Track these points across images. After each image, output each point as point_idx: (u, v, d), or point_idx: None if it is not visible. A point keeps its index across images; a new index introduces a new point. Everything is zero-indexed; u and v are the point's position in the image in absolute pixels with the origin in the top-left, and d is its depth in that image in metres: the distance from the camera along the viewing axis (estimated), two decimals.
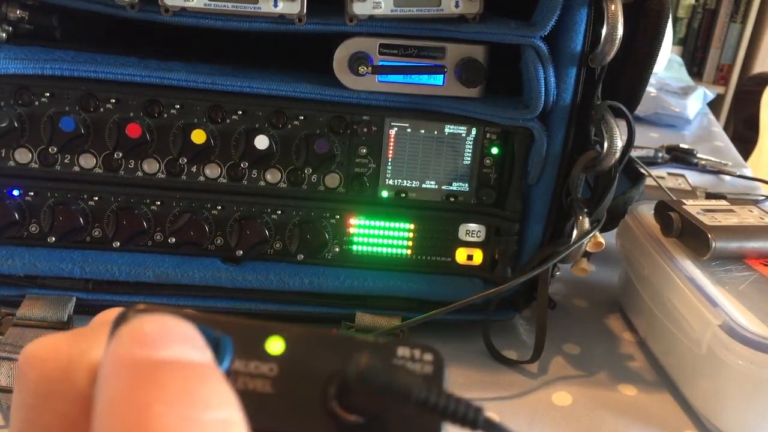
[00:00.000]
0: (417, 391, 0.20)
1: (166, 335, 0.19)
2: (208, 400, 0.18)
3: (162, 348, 0.19)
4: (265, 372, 0.21)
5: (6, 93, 0.58)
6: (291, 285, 0.63)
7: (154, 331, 0.19)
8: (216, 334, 0.21)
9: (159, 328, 0.19)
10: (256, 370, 0.21)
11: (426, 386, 0.20)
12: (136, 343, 0.19)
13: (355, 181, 0.63)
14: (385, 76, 0.59)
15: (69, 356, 0.21)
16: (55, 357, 0.21)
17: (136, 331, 0.19)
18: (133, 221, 0.62)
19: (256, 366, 0.21)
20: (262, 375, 0.21)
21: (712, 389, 0.58)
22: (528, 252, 0.64)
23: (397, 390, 0.20)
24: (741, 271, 0.62)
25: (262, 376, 0.21)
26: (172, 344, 0.19)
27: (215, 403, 0.18)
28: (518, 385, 0.62)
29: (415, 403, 0.20)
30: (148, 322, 0.19)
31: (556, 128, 0.60)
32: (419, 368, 0.21)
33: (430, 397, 0.20)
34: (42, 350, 0.22)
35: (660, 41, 0.59)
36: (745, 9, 2.79)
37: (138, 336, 0.19)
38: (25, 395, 0.21)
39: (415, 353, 0.21)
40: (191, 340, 0.20)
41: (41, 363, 0.21)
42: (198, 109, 0.60)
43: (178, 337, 0.19)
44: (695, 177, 1.08)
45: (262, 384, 0.21)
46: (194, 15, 0.56)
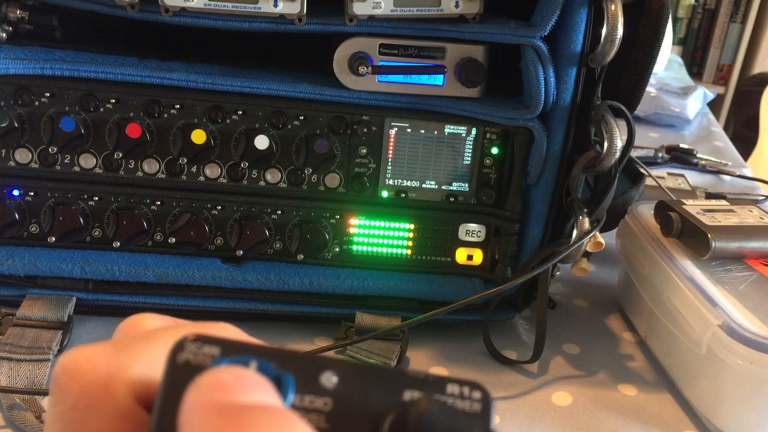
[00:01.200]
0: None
1: (244, 383, 0.20)
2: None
3: (243, 394, 0.19)
4: (319, 407, 0.21)
5: (6, 93, 0.58)
6: (291, 285, 0.63)
7: (231, 379, 0.20)
8: (277, 370, 0.21)
9: (235, 377, 0.20)
10: (311, 405, 0.21)
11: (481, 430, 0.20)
12: (218, 391, 0.19)
13: (355, 181, 0.63)
14: (385, 76, 0.59)
15: (109, 370, 0.21)
16: (94, 371, 0.21)
17: (214, 381, 0.20)
18: (133, 221, 0.62)
19: (311, 400, 0.21)
20: (316, 410, 0.21)
21: (712, 389, 0.58)
22: (528, 252, 0.64)
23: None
24: (741, 271, 0.62)
25: (317, 410, 0.21)
26: (252, 391, 0.20)
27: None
28: (518, 385, 0.62)
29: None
30: (223, 372, 0.20)
31: (556, 128, 0.60)
32: (468, 406, 0.22)
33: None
34: (81, 363, 0.22)
35: (660, 41, 0.59)
36: (745, 9, 2.79)
37: (217, 385, 0.19)
38: (63, 408, 0.21)
39: (464, 390, 0.22)
40: (265, 387, 0.20)
41: (80, 377, 0.21)
42: (198, 109, 0.60)
43: (254, 384, 0.20)
44: (695, 177, 1.08)
45: (317, 419, 0.21)
46: (194, 15, 0.56)
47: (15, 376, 0.55)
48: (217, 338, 0.21)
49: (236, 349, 0.21)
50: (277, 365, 0.21)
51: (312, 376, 0.21)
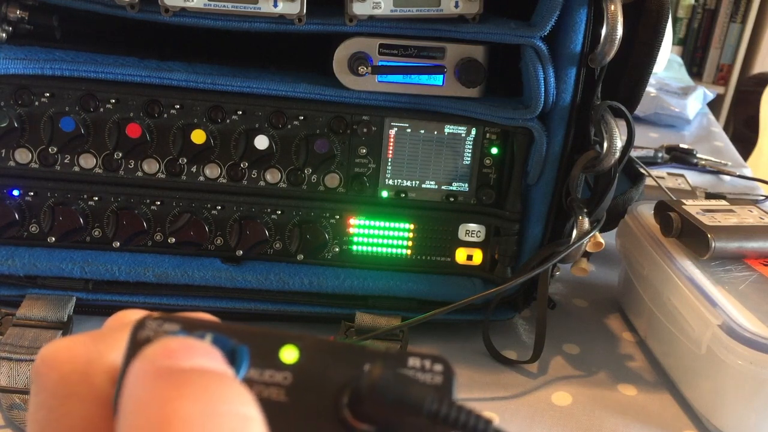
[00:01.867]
0: (429, 403, 0.20)
1: (189, 350, 0.20)
2: (228, 397, 0.19)
3: (186, 359, 0.20)
4: (279, 381, 0.21)
5: (6, 93, 0.58)
6: (291, 285, 0.63)
7: (176, 346, 0.20)
8: (232, 343, 0.21)
9: (181, 344, 0.20)
10: (271, 379, 0.21)
11: (437, 398, 0.20)
12: (160, 357, 0.20)
13: (355, 181, 0.63)
14: (384, 76, 0.59)
15: (87, 358, 0.22)
16: (73, 359, 0.22)
17: (159, 347, 0.20)
18: (133, 221, 0.62)
19: (271, 375, 0.21)
20: (276, 383, 0.21)
21: (711, 389, 0.58)
22: (528, 252, 0.64)
23: (409, 402, 0.20)
24: (741, 271, 0.62)
25: (277, 384, 0.21)
26: (196, 357, 0.20)
27: (235, 401, 0.19)
28: (518, 385, 0.62)
29: (427, 414, 0.20)
30: (170, 340, 0.20)
31: (556, 128, 0.60)
32: (429, 378, 0.22)
33: (441, 409, 0.20)
34: (60, 352, 0.22)
35: (660, 41, 0.59)
36: (745, 9, 2.79)
37: (162, 351, 0.20)
38: (44, 397, 0.22)
39: (426, 363, 0.22)
40: (211, 354, 0.21)
41: (60, 365, 0.22)
42: (198, 109, 0.60)
43: (199, 351, 0.20)
44: (695, 177, 1.08)
45: (277, 392, 0.21)
46: (194, 15, 0.56)
47: (15, 376, 0.55)
48: (179, 317, 0.21)
49: (196, 326, 0.21)
50: (237, 340, 0.21)
51: (272, 351, 0.21)
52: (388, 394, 0.20)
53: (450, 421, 0.20)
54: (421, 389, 0.20)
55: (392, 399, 0.20)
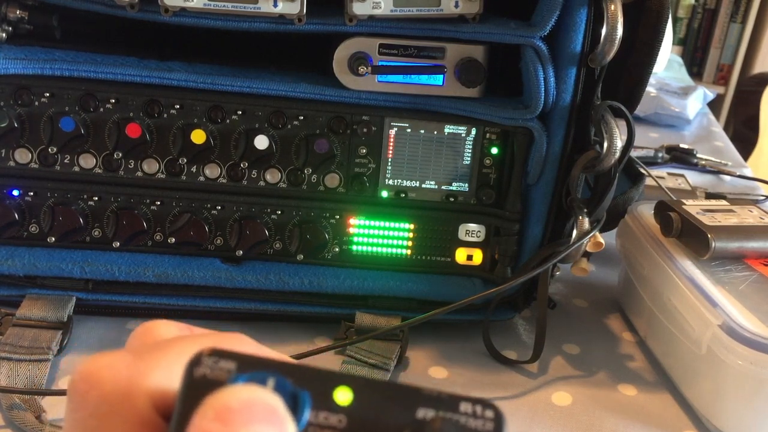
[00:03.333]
0: None
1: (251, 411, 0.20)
2: None
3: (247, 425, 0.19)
4: (334, 423, 0.21)
5: (6, 93, 0.58)
6: (291, 285, 0.63)
7: (238, 406, 0.20)
8: (294, 387, 0.21)
9: (243, 403, 0.20)
10: (326, 421, 0.21)
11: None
12: (221, 420, 0.19)
13: (354, 181, 0.63)
14: (384, 76, 0.59)
15: (128, 378, 0.22)
16: (114, 379, 0.22)
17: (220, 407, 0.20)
18: (133, 221, 0.62)
19: (326, 416, 0.21)
20: (331, 427, 0.21)
21: (712, 389, 0.58)
22: (528, 252, 0.64)
23: None
24: (741, 271, 0.62)
25: (332, 427, 0.21)
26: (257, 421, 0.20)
27: None
28: (518, 385, 0.62)
29: None
30: (231, 395, 0.20)
31: (556, 128, 0.60)
32: (480, 425, 0.22)
33: None
34: (101, 371, 0.22)
35: (660, 41, 0.59)
36: (745, 9, 2.79)
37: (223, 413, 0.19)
38: (84, 415, 0.21)
39: (477, 409, 0.22)
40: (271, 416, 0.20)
41: (101, 384, 0.22)
42: (198, 109, 0.60)
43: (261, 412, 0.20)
44: (695, 177, 1.08)
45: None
46: (194, 15, 0.56)
47: (15, 376, 0.55)
48: (234, 353, 0.21)
49: (252, 365, 0.21)
50: (294, 381, 0.21)
51: (327, 392, 0.21)
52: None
53: None
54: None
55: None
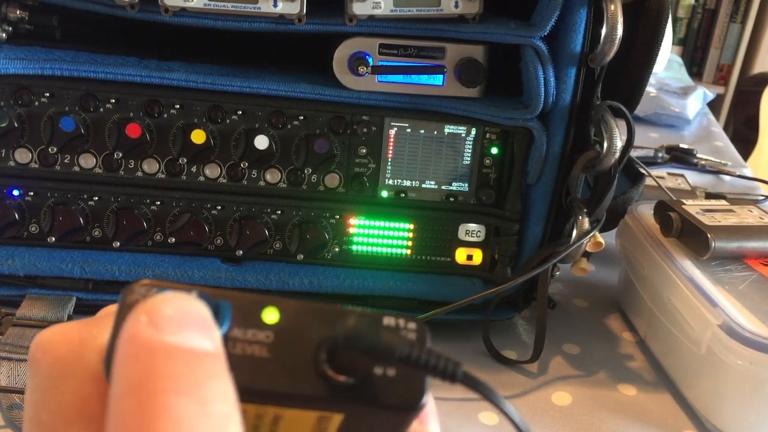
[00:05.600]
0: (400, 347, 0.21)
1: (182, 320, 0.20)
2: (213, 393, 0.20)
3: (177, 332, 0.20)
4: (261, 339, 0.22)
5: (6, 93, 0.58)
6: (291, 285, 0.63)
7: (170, 312, 0.20)
8: (216, 300, 0.22)
9: (175, 310, 0.21)
10: (253, 337, 0.22)
11: (409, 344, 0.21)
12: (153, 326, 0.20)
13: (354, 181, 0.63)
14: (384, 76, 0.59)
15: (80, 340, 0.23)
16: (67, 341, 0.23)
17: (154, 313, 0.20)
18: (133, 221, 0.62)
19: (254, 333, 0.22)
20: (258, 341, 0.22)
21: (711, 389, 0.58)
22: (528, 252, 0.64)
23: (382, 348, 0.21)
24: (741, 271, 0.62)
25: (259, 342, 0.22)
26: (187, 330, 0.20)
27: (219, 398, 0.20)
28: (518, 385, 0.62)
29: (399, 359, 0.21)
30: (164, 302, 0.21)
31: (556, 128, 0.60)
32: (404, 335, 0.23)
33: (412, 353, 0.21)
34: (54, 336, 0.23)
35: (660, 41, 0.59)
36: (745, 9, 2.79)
37: (154, 317, 0.20)
38: (39, 379, 0.22)
39: (400, 322, 0.23)
40: (203, 324, 0.21)
41: (54, 348, 0.23)
42: (198, 109, 0.60)
43: (192, 322, 0.21)
44: (695, 177, 1.08)
45: (259, 349, 0.22)
46: (194, 15, 0.56)
47: (15, 376, 0.55)
48: (168, 283, 0.22)
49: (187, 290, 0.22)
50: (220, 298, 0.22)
51: (254, 312, 0.23)
52: (362, 341, 0.21)
53: (421, 364, 0.21)
54: (394, 336, 0.22)
55: (366, 345, 0.21)
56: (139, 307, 0.21)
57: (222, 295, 0.22)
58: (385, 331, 0.22)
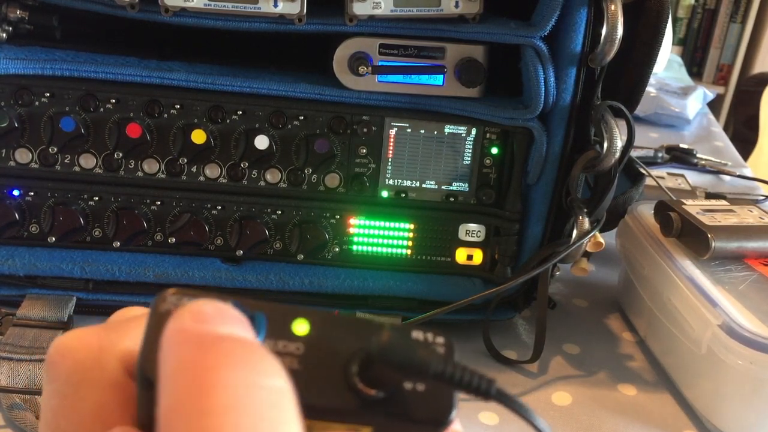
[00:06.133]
0: (435, 363, 0.21)
1: (223, 315, 0.21)
2: (267, 369, 0.20)
3: (221, 325, 0.20)
4: (292, 350, 0.22)
5: (6, 93, 0.58)
6: (291, 285, 0.63)
7: (212, 311, 0.21)
8: (250, 311, 0.22)
9: (216, 309, 0.21)
10: (284, 349, 0.22)
11: (443, 359, 0.21)
12: (198, 320, 0.20)
13: (355, 181, 0.63)
14: (385, 76, 0.59)
15: (99, 346, 0.23)
16: (86, 347, 0.23)
17: (195, 310, 0.20)
18: (133, 221, 0.62)
19: (284, 345, 0.22)
20: (289, 353, 0.22)
21: (711, 389, 0.58)
22: (528, 252, 0.64)
23: (416, 363, 0.21)
24: (741, 271, 0.62)
25: (290, 354, 0.22)
26: (229, 323, 0.21)
27: (273, 373, 0.20)
28: (518, 385, 0.62)
29: (434, 375, 0.21)
30: (205, 304, 0.21)
31: (556, 128, 0.60)
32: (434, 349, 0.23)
33: (447, 369, 0.21)
34: (73, 341, 0.23)
35: (660, 41, 0.59)
36: (745, 9, 2.79)
37: (198, 314, 0.20)
38: (58, 385, 0.22)
39: (428, 336, 0.23)
40: (242, 322, 0.21)
41: (73, 353, 0.22)
42: (198, 109, 0.60)
43: (233, 317, 0.21)
44: (695, 177, 1.08)
45: (290, 361, 0.22)
46: (194, 15, 0.56)
47: (15, 376, 0.55)
48: (197, 291, 0.22)
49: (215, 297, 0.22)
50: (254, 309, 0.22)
51: (285, 323, 0.23)
52: (395, 356, 0.21)
53: (455, 381, 0.21)
54: (427, 352, 0.22)
55: (400, 360, 0.21)
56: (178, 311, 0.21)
57: (256, 306, 0.22)
58: (417, 345, 0.22)
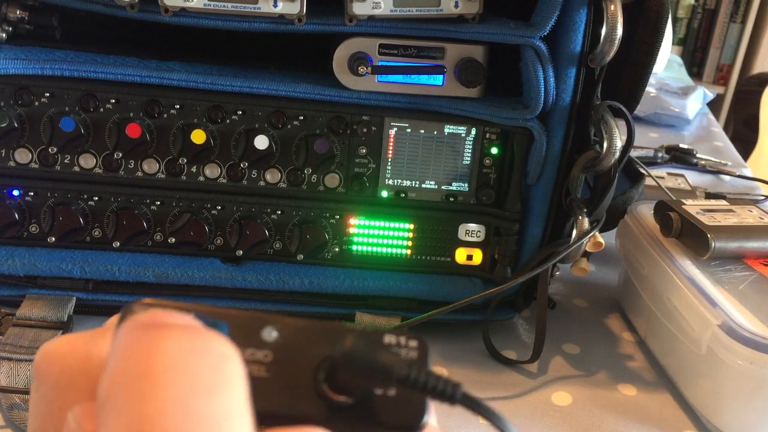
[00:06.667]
0: (398, 368, 0.21)
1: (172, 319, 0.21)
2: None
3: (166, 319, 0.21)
4: (260, 358, 0.22)
5: (6, 93, 0.58)
6: (291, 285, 0.63)
7: (161, 315, 0.21)
8: (213, 320, 0.22)
9: (165, 314, 0.21)
10: (252, 357, 0.22)
11: (407, 365, 0.21)
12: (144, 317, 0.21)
13: (354, 181, 0.63)
14: (384, 76, 0.59)
15: (86, 352, 0.23)
16: (73, 353, 0.23)
17: (145, 315, 0.21)
18: (133, 221, 0.62)
19: (252, 353, 0.22)
20: (257, 361, 0.22)
21: (711, 389, 0.58)
22: (528, 252, 0.64)
23: (379, 367, 0.21)
24: (740, 271, 0.62)
25: (258, 362, 0.22)
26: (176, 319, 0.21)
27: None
28: (518, 385, 0.62)
29: (397, 379, 0.21)
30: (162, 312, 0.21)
31: (556, 128, 0.60)
32: (405, 353, 0.23)
33: (410, 374, 0.21)
34: (60, 347, 0.23)
35: (659, 41, 0.59)
36: (745, 9, 2.79)
37: (147, 318, 0.21)
38: (45, 390, 0.22)
39: (401, 340, 0.23)
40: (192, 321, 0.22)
41: (60, 359, 0.23)
42: (198, 109, 0.60)
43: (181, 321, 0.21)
44: (695, 177, 1.08)
45: (258, 369, 0.22)
46: (194, 15, 0.56)
47: (15, 376, 0.55)
48: (168, 302, 0.22)
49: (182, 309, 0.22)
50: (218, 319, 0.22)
51: (253, 331, 0.22)
52: (359, 361, 0.21)
53: (419, 386, 0.21)
54: (391, 356, 0.21)
55: (363, 365, 0.21)
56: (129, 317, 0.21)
57: (221, 314, 0.22)
58: (383, 350, 0.22)
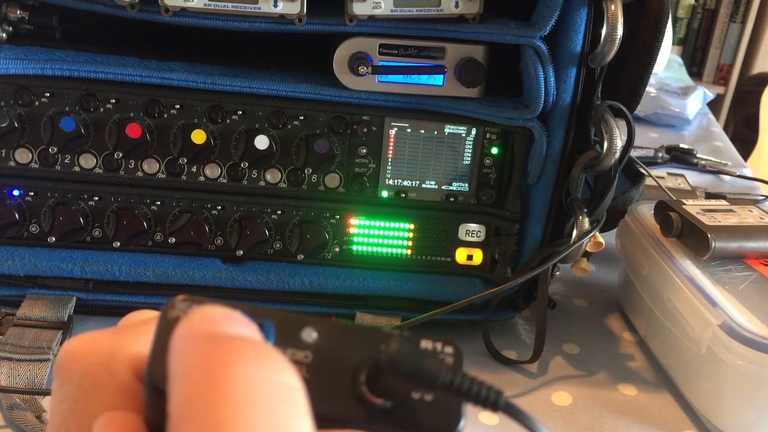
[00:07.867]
0: (444, 374, 0.21)
1: (232, 319, 0.21)
2: (278, 366, 0.20)
3: (231, 327, 0.21)
4: (300, 359, 0.22)
5: (6, 93, 0.58)
6: (291, 285, 0.63)
7: (221, 314, 0.21)
8: (259, 318, 0.22)
9: (225, 313, 0.21)
10: (292, 357, 0.22)
11: (452, 370, 0.21)
12: (208, 323, 0.20)
13: (355, 181, 0.63)
14: (385, 76, 0.59)
15: (110, 350, 0.23)
16: (96, 352, 0.23)
17: (205, 314, 0.21)
18: (134, 221, 0.62)
19: (292, 353, 0.22)
20: (297, 361, 0.22)
21: (711, 389, 0.58)
22: (528, 252, 0.64)
23: (425, 373, 0.21)
24: (741, 271, 0.62)
25: (298, 362, 0.22)
26: (239, 326, 0.21)
27: (284, 370, 0.20)
28: (518, 385, 0.62)
29: (442, 385, 0.21)
30: (214, 308, 0.21)
31: (556, 128, 0.60)
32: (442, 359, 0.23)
33: (455, 380, 0.21)
34: (83, 345, 0.23)
35: (660, 41, 0.59)
36: (745, 9, 2.79)
37: (208, 317, 0.21)
38: (69, 389, 0.22)
39: (437, 346, 0.23)
40: (251, 326, 0.22)
41: (83, 357, 0.23)
42: (198, 109, 0.60)
43: (242, 321, 0.21)
44: (695, 177, 1.08)
45: (298, 369, 0.22)
46: (194, 15, 0.56)
47: (15, 376, 0.55)
48: (205, 299, 0.22)
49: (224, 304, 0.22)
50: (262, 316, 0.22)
51: (293, 332, 0.23)
52: (404, 366, 0.21)
53: (463, 392, 0.21)
54: (436, 362, 0.22)
55: (409, 371, 0.21)
56: (188, 315, 0.21)
57: (264, 314, 0.22)
58: (426, 356, 0.22)
